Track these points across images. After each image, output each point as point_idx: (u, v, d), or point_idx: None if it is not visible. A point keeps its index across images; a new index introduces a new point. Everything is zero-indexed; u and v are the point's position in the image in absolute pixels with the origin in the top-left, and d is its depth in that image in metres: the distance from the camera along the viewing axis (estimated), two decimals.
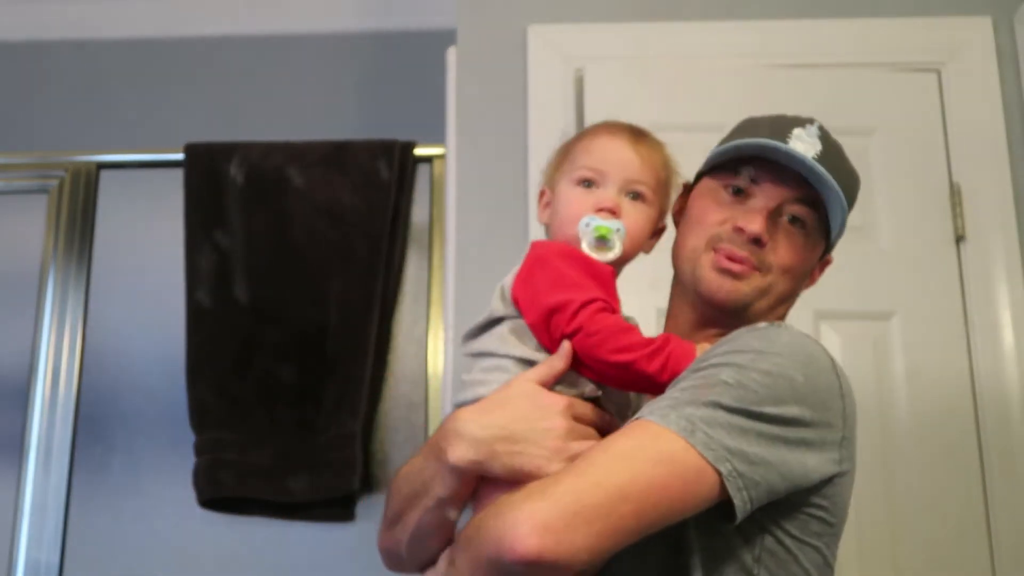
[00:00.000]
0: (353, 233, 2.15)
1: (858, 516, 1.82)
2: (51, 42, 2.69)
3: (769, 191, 1.15)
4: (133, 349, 2.22)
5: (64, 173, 2.29)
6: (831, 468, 1.04)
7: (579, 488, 0.92)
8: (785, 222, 1.16)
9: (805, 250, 1.17)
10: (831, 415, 1.04)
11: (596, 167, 1.15)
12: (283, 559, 2.10)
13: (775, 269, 1.14)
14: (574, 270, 1.10)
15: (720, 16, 2.09)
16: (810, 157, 1.13)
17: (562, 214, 1.16)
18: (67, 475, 2.13)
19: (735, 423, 0.97)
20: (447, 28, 2.17)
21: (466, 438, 1.03)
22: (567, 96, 2.03)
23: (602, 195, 1.14)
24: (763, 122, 1.22)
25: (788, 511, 1.03)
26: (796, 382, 1.01)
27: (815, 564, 1.05)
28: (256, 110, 2.58)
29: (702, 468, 0.94)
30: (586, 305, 1.06)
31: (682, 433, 0.95)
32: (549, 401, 1.05)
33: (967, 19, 2.06)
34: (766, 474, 0.97)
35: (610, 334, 1.06)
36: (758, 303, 1.15)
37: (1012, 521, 1.83)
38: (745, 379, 0.99)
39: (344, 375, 2.09)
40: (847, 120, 2.01)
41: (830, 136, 1.19)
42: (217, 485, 2.03)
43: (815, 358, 1.06)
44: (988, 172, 1.98)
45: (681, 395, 0.99)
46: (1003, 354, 1.90)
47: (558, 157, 1.21)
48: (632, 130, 1.20)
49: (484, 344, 1.14)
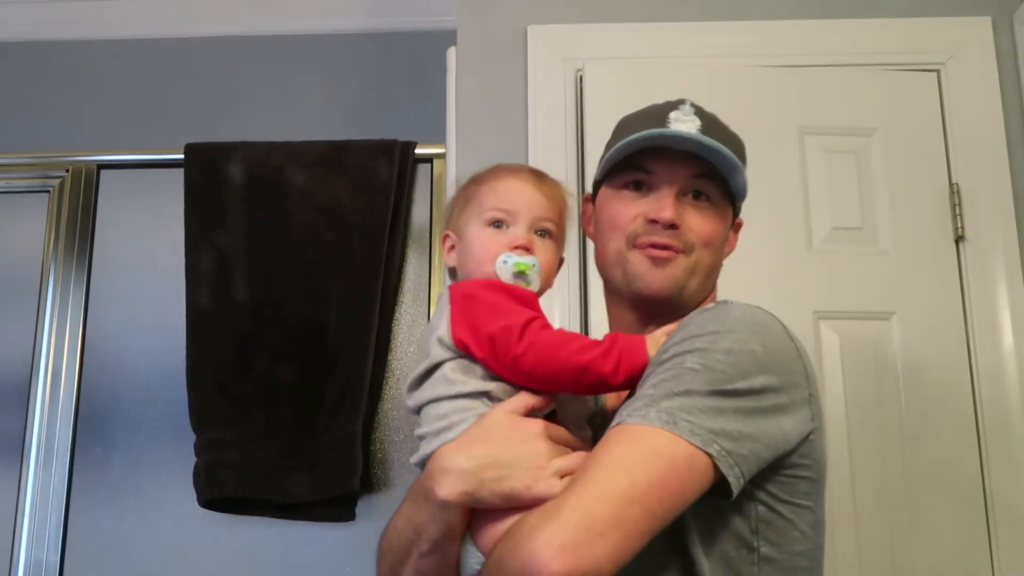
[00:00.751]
0: (353, 233, 2.15)
1: (858, 516, 1.83)
2: (51, 42, 2.69)
3: (667, 176, 1.19)
4: (133, 349, 2.23)
5: (64, 173, 2.30)
6: (805, 427, 1.08)
7: (585, 504, 0.94)
8: (691, 199, 1.20)
9: (716, 220, 1.21)
10: (795, 375, 1.08)
11: (506, 208, 1.20)
12: (283, 559, 2.10)
13: (696, 246, 1.19)
14: (503, 298, 1.14)
15: (720, 16, 2.09)
16: (694, 132, 1.17)
17: (477, 254, 1.19)
18: (67, 475, 2.13)
19: (712, 405, 1.00)
20: (447, 28, 2.17)
21: (453, 471, 1.06)
22: (567, 96, 2.03)
23: (515, 234, 1.19)
24: (636, 117, 1.24)
25: (775, 477, 1.07)
26: (757, 353, 1.05)
27: (809, 524, 1.10)
28: (256, 110, 2.58)
29: (692, 455, 0.98)
30: (528, 324, 1.10)
31: (666, 426, 0.98)
32: (527, 426, 1.08)
33: (967, 19, 2.06)
34: (752, 446, 1.01)
35: (560, 343, 1.10)
36: (690, 283, 1.19)
37: (1012, 521, 1.83)
38: (710, 361, 1.03)
39: (344, 375, 2.09)
40: (847, 120, 2.02)
41: (704, 110, 1.22)
42: (217, 485, 2.03)
43: (768, 326, 1.10)
44: (988, 172, 1.98)
45: (654, 391, 1.02)
46: (1003, 354, 1.90)
47: (459, 201, 1.25)
48: (533, 171, 1.25)
49: (431, 391, 1.15)
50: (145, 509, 2.13)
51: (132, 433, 2.18)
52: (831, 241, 1.96)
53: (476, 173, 1.28)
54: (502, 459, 1.05)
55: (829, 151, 2.00)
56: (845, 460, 1.84)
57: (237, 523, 2.09)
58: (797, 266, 1.94)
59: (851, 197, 1.98)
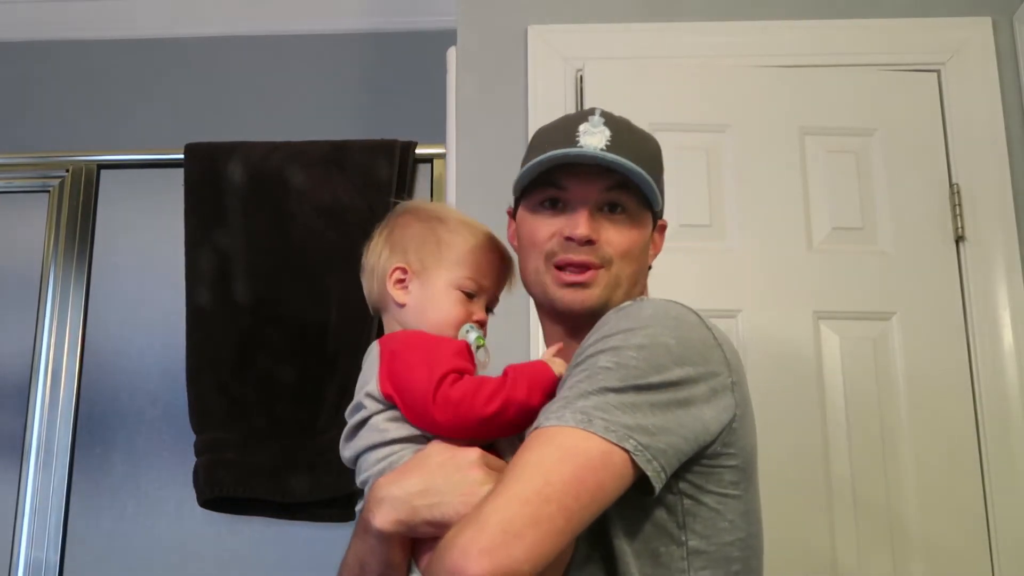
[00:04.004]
0: (353, 233, 2.13)
1: (858, 516, 1.83)
2: (51, 42, 2.69)
3: (580, 192, 1.20)
4: (133, 349, 2.22)
5: (64, 173, 2.30)
6: (727, 415, 1.08)
7: (501, 506, 0.95)
8: (606, 213, 1.20)
9: (634, 230, 1.21)
10: (713, 364, 1.09)
11: (481, 283, 1.25)
12: (283, 559, 2.10)
13: (615, 259, 1.19)
14: (424, 351, 1.16)
15: (720, 16, 2.09)
16: (601, 148, 1.18)
17: (443, 314, 1.22)
18: (67, 475, 2.13)
19: (626, 401, 1.01)
20: (447, 28, 2.17)
21: (387, 501, 1.07)
22: (567, 96, 2.03)
23: (478, 307, 1.25)
24: (549, 131, 1.26)
25: (699, 468, 1.07)
26: (670, 346, 1.06)
27: (739, 513, 1.10)
28: (256, 110, 2.58)
29: (608, 451, 0.99)
30: (440, 382, 1.11)
31: (580, 425, 0.99)
32: (461, 454, 1.09)
33: (967, 19, 2.06)
34: (669, 440, 1.02)
35: (471, 394, 1.11)
36: (614, 296, 1.20)
37: (1012, 521, 1.83)
38: (622, 359, 1.04)
39: (344, 375, 2.08)
40: (847, 120, 2.02)
41: (615, 117, 1.23)
42: (217, 485, 2.03)
43: (681, 319, 1.10)
44: (988, 172, 1.98)
45: (569, 393, 1.04)
46: (1003, 354, 1.90)
47: (428, 242, 1.25)
48: (504, 250, 1.30)
49: (364, 440, 1.17)
50: (145, 509, 2.13)
51: (132, 433, 2.18)
52: (831, 241, 1.96)
53: (439, 210, 1.31)
54: (434, 487, 1.06)
55: (829, 151, 2.00)
56: (845, 460, 1.84)
57: (237, 523, 2.09)
58: (797, 266, 1.94)
59: (851, 197, 1.98)
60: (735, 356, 1.14)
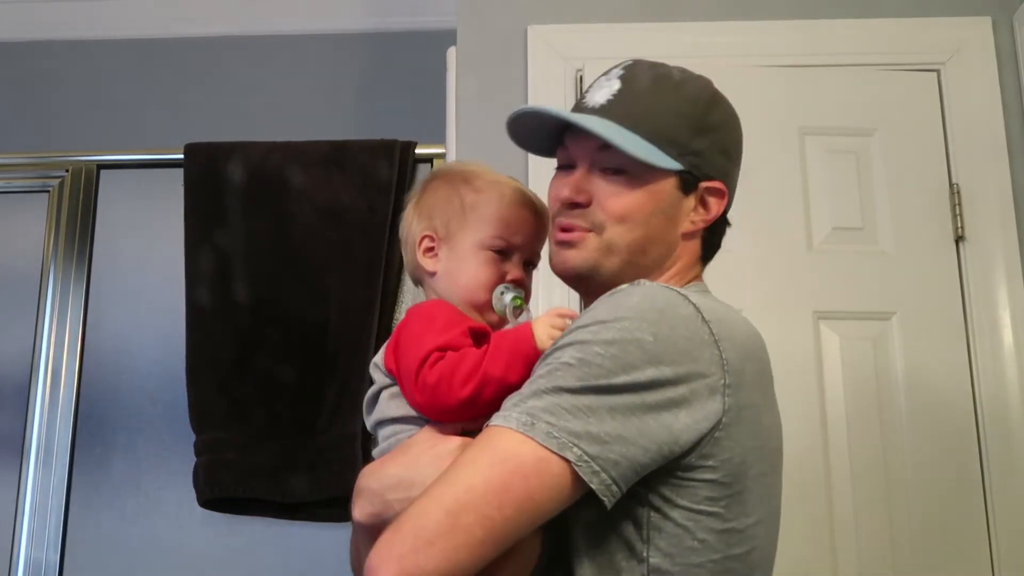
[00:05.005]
0: (353, 233, 2.15)
1: (858, 516, 1.83)
2: (51, 42, 2.69)
3: (577, 152, 1.13)
4: (133, 349, 2.23)
5: (64, 173, 2.30)
6: (707, 423, 0.97)
7: (418, 510, 0.90)
8: (601, 173, 1.11)
9: (634, 193, 1.10)
10: (701, 365, 0.97)
11: (512, 240, 1.18)
12: (283, 559, 2.10)
13: (607, 223, 1.10)
14: (420, 326, 1.10)
15: (720, 16, 2.09)
16: (596, 104, 1.12)
17: (474, 278, 1.16)
18: (67, 475, 2.13)
19: (581, 404, 0.93)
20: (447, 28, 2.17)
21: (364, 493, 1.06)
22: (567, 96, 2.03)
23: (513, 267, 1.18)
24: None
25: (669, 481, 0.97)
26: (645, 343, 0.95)
27: (712, 531, 0.99)
28: (256, 110, 2.58)
29: (544, 458, 0.91)
30: (423, 364, 1.06)
31: (521, 428, 0.92)
32: (442, 443, 1.04)
33: (967, 19, 2.06)
34: (624, 450, 0.92)
35: (448, 375, 1.04)
36: (607, 263, 1.10)
37: (1012, 521, 1.83)
38: (587, 355, 0.95)
39: (344, 375, 2.09)
40: (847, 120, 2.02)
41: (638, 71, 1.16)
42: (217, 485, 2.03)
43: (668, 311, 0.99)
44: (988, 172, 1.98)
45: (527, 389, 0.97)
46: (1003, 354, 1.90)
47: (454, 205, 1.18)
48: (536, 200, 1.22)
49: (376, 413, 1.16)
50: (145, 509, 2.13)
51: (132, 433, 2.18)
52: (831, 241, 1.96)
53: (467, 170, 1.23)
54: (408, 479, 1.02)
55: (829, 151, 2.00)
56: (845, 460, 1.84)
57: (237, 523, 2.09)
58: (797, 266, 1.94)
59: (851, 197, 1.98)
60: (742, 355, 1.01)
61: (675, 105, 1.14)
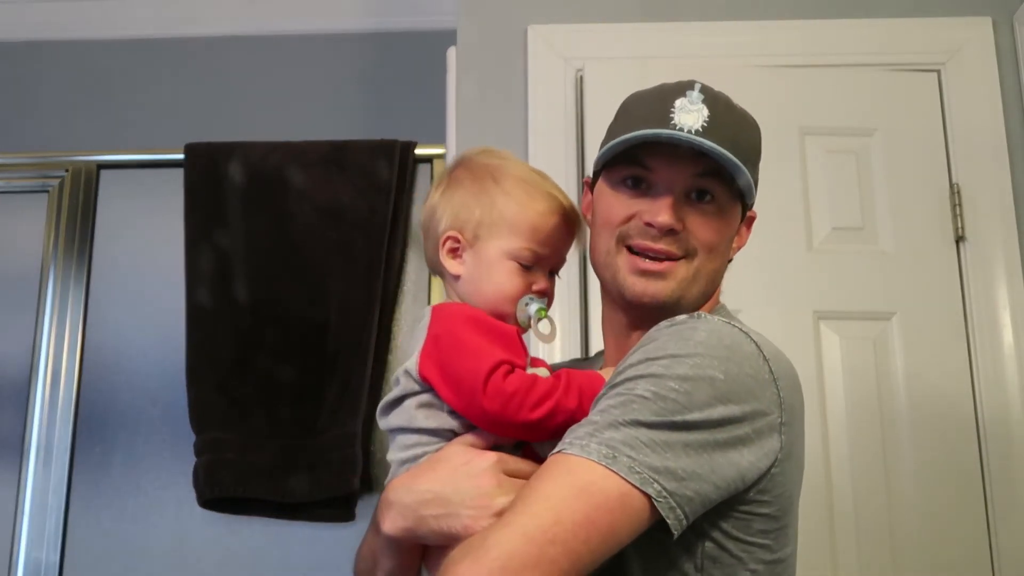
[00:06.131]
0: (353, 233, 2.15)
1: (858, 516, 1.82)
2: (51, 42, 2.69)
3: (667, 176, 1.10)
4: (133, 349, 2.22)
5: (64, 173, 2.30)
6: (767, 461, 0.99)
7: (505, 540, 0.89)
8: (694, 201, 1.10)
9: (722, 222, 1.12)
10: (763, 403, 1.00)
11: (541, 252, 1.15)
12: (283, 559, 2.10)
13: (699, 251, 1.10)
14: (477, 335, 1.08)
15: (720, 16, 2.09)
16: (696, 129, 1.07)
17: (499, 287, 1.14)
18: (67, 475, 2.13)
19: (659, 439, 0.93)
20: (447, 28, 2.17)
21: (396, 506, 1.03)
22: (567, 96, 2.03)
23: (538, 277, 1.15)
24: (641, 102, 1.16)
25: (728, 514, 1.00)
26: (717, 381, 0.96)
27: (762, 562, 1.02)
28: (256, 110, 2.58)
29: (627, 493, 0.91)
30: (493, 372, 1.04)
31: (603, 461, 0.92)
32: (478, 459, 1.03)
33: (967, 19, 2.06)
34: (698, 487, 0.94)
35: (524, 391, 1.04)
36: (691, 291, 1.11)
37: (1012, 521, 1.83)
38: (662, 389, 0.95)
39: (344, 375, 2.09)
40: (847, 120, 2.02)
41: (715, 93, 1.13)
42: (217, 485, 2.03)
43: (735, 348, 1.00)
44: (988, 172, 1.98)
45: (600, 418, 0.96)
46: (1003, 354, 1.90)
47: (483, 205, 1.14)
48: (572, 209, 1.18)
49: (396, 419, 1.13)
50: (145, 509, 2.13)
51: (132, 433, 2.18)
52: (831, 241, 1.96)
53: (495, 165, 1.18)
54: (444, 495, 1.01)
55: (829, 151, 2.00)
56: (845, 460, 1.84)
57: (237, 523, 2.09)
58: (797, 266, 1.94)
59: (851, 197, 1.98)
60: (792, 391, 1.04)
61: (751, 135, 1.15)
